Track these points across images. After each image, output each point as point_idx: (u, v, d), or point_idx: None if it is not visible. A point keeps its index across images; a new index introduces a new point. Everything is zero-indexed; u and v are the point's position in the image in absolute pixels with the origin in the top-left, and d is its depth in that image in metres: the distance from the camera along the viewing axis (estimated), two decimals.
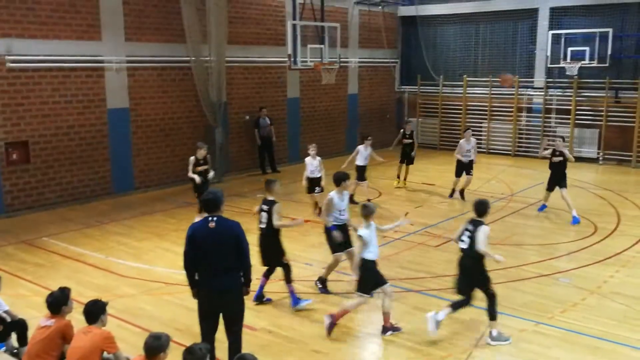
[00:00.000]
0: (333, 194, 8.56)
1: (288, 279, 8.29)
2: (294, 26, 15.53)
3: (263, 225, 8.18)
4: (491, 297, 7.19)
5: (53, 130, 13.58)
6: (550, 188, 12.88)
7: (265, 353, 6.89)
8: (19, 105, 12.99)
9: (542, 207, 13.27)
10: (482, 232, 7.03)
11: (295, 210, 12.65)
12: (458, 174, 14.41)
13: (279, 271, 9.44)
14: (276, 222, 8.04)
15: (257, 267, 9.34)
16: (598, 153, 19.22)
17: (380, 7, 21.87)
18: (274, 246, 8.18)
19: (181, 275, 6.35)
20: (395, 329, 7.49)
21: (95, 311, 5.68)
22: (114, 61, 14.40)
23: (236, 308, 6.17)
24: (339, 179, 8.62)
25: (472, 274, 7.20)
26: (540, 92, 20.22)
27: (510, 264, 9.88)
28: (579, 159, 19.29)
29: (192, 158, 11.93)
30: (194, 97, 16.05)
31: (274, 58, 18.16)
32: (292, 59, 15.66)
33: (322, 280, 8.99)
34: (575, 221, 12.17)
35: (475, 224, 7.16)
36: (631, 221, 12.44)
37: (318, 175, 12.74)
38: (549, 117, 20.21)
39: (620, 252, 10.42)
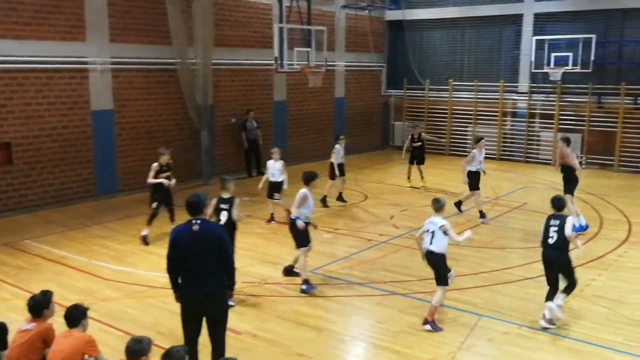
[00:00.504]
0: (306, 190, 8.90)
1: None
2: (281, 29, 15.53)
3: (223, 223, 8.35)
4: (574, 286, 7.78)
5: (36, 131, 13.43)
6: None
7: (249, 357, 6.86)
8: (2, 107, 12.84)
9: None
10: (569, 223, 7.62)
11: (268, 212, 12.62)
12: (476, 186, 12.97)
13: (260, 273, 9.45)
14: (237, 214, 8.44)
15: (241, 270, 9.33)
16: (581, 157, 19.39)
17: (367, 11, 21.94)
18: (233, 242, 8.34)
19: (164, 279, 6.31)
20: (435, 327, 7.57)
21: (75, 316, 5.62)
22: (98, 62, 14.30)
23: (220, 311, 6.13)
24: (310, 178, 8.98)
25: (560, 265, 7.70)
26: (524, 96, 20.38)
27: (495, 267, 9.96)
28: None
29: (155, 164, 11.28)
30: (179, 99, 15.97)
31: (261, 61, 18.13)
32: (279, 62, 15.65)
33: (289, 269, 9.41)
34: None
35: (560, 217, 7.71)
36: (613, 225, 12.56)
37: (280, 180, 12.37)
38: (533, 122, 20.37)
39: (603, 256, 10.51)
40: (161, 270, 8.03)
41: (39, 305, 5.83)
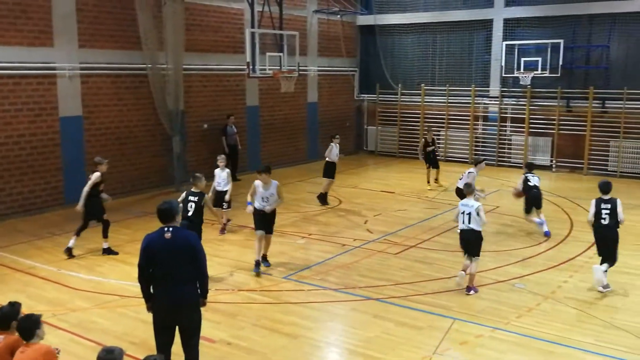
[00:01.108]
0: (257, 182, 9.84)
1: None
2: (253, 34, 15.47)
3: (190, 214, 9.34)
4: (615, 260, 9.17)
5: (2, 139, 13.14)
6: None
7: None
8: None
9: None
10: (620, 206, 8.99)
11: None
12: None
13: (235, 281, 9.38)
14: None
15: (216, 278, 9.24)
16: (551, 161, 19.71)
17: (338, 16, 22.01)
18: (199, 234, 8.90)
19: (135, 287, 6.20)
20: (476, 290, 9.00)
21: (29, 327, 5.41)
22: (66, 68, 14.06)
23: (193, 320, 6.04)
24: (260, 170, 9.88)
25: (614, 241, 9.04)
26: (495, 101, 20.64)
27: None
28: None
29: (97, 174, 10.87)
30: (150, 105, 15.80)
31: (233, 66, 18.05)
32: (251, 67, 15.58)
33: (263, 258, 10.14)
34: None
35: (611, 201, 9.02)
36: (583, 227, 12.67)
37: (225, 189, 12.14)
38: (505, 126, 20.64)
39: (573, 258, 10.67)
40: (132, 279, 7.89)
41: (7, 317, 5.66)
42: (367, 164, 21.13)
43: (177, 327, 5.97)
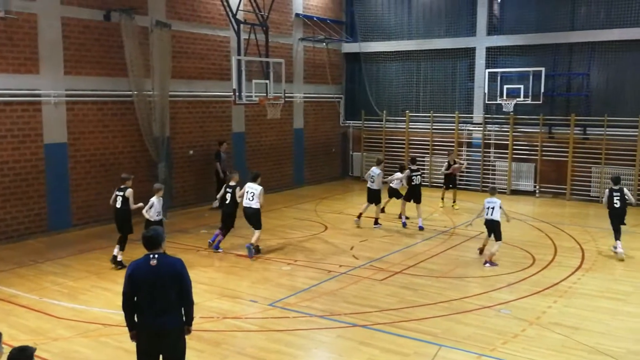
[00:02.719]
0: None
1: None
2: (239, 61, 15.59)
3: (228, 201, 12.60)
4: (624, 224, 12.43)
5: None
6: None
7: None
8: None
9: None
10: (628, 191, 12.45)
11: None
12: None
13: (219, 308, 9.33)
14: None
15: (200, 305, 9.16)
16: (535, 186, 19.91)
17: (324, 43, 22.29)
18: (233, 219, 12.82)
19: (119, 316, 6.14)
20: (493, 265, 11.67)
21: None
22: (52, 95, 14.05)
23: (177, 349, 5.99)
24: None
25: (623, 216, 12.34)
26: (479, 127, 20.89)
27: (453, 296, 10.04)
28: (516, 192, 19.99)
29: (131, 190, 11.70)
30: (136, 131, 15.79)
31: (219, 92, 18.14)
32: (237, 94, 15.66)
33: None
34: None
35: (620, 190, 12.30)
36: (567, 252, 12.86)
37: (158, 218, 11.69)
38: (488, 152, 20.86)
39: (558, 283, 10.73)
40: (116, 307, 7.82)
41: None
42: (353, 190, 21.19)
43: (160, 356, 5.90)
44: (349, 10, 23.23)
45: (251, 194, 12.37)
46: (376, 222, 15.21)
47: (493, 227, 11.90)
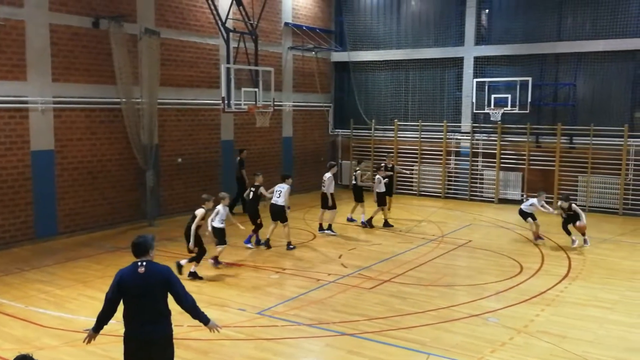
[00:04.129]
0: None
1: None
2: (228, 69, 15.59)
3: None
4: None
5: None
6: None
7: None
8: None
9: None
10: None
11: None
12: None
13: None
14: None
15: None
16: (522, 195, 20.01)
17: (313, 52, 22.36)
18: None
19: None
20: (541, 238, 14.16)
21: None
22: (39, 102, 13.97)
23: (165, 357, 5.94)
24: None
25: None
26: (467, 136, 21.01)
27: (442, 304, 10.05)
28: (504, 201, 20.11)
29: (202, 211, 11.34)
30: (124, 139, 15.73)
31: (208, 100, 18.12)
32: (226, 102, 15.65)
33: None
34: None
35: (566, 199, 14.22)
36: (554, 260, 12.93)
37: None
38: (476, 161, 20.97)
39: (545, 291, 10.78)
40: None
41: None
42: (341, 198, 21.15)
43: None
44: (338, 19, 23.35)
45: (279, 192, 13.78)
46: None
47: (521, 214, 14.78)
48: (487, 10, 20.66)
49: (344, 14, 23.15)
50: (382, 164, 17.92)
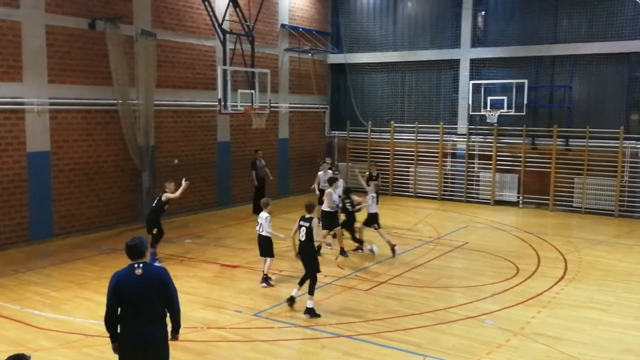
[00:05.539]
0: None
1: None
2: (225, 71, 15.59)
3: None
4: None
5: None
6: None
7: None
8: None
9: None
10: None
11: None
12: None
13: (204, 318, 9.26)
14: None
15: (184, 315, 9.08)
16: (518, 197, 20.07)
17: (309, 54, 22.36)
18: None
19: (101, 327, 6.06)
20: None
21: None
22: (35, 103, 13.93)
23: (161, 359, 5.92)
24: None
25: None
26: (463, 138, 21.04)
27: (438, 306, 10.06)
28: (500, 203, 20.15)
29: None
30: (120, 140, 15.70)
31: (204, 102, 18.10)
32: (223, 104, 15.65)
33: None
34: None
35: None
36: (550, 263, 12.95)
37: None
38: (472, 162, 21.00)
39: (541, 293, 10.79)
40: (98, 317, 7.72)
41: None
42: None
43: None
44: (334, 21, 23.37)
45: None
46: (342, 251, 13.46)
47: None
48: (483, 13, 20.70)
49: (340, 15, 23.18)
50: (367, 173, 17.20)
